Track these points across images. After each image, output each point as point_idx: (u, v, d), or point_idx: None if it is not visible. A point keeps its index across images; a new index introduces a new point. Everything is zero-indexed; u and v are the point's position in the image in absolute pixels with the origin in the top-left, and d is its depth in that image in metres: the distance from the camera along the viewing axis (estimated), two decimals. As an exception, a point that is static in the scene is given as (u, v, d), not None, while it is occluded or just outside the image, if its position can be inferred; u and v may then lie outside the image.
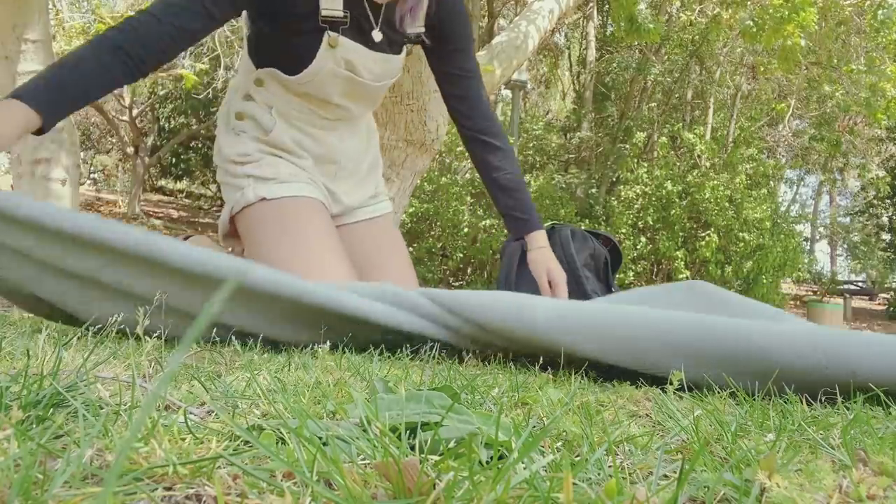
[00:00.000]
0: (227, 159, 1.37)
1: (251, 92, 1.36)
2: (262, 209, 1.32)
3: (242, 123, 1.37)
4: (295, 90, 1.33)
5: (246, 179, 1.34)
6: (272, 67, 1.31)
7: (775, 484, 0.35)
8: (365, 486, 0.32)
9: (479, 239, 6.75)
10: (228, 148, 1.37)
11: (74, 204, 3.51)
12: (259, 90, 1.35)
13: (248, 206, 1.32)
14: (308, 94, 1.34)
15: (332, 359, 0.82)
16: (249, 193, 1.32)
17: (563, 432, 0.47)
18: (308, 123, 1.39)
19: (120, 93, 10.02)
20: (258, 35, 1.31)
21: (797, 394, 0.73)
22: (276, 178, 1.34)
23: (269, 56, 1.32)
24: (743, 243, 6.37)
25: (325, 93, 1.35)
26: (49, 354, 0.64)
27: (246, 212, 1.33)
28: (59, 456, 0.32)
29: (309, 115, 1.38)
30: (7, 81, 3.30)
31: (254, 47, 1.35)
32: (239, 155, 1.35)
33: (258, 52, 1.34)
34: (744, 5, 4.48)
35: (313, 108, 1.37)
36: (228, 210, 1.36)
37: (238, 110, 1.37)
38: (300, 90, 1.33)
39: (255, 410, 0.48)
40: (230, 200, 1.36)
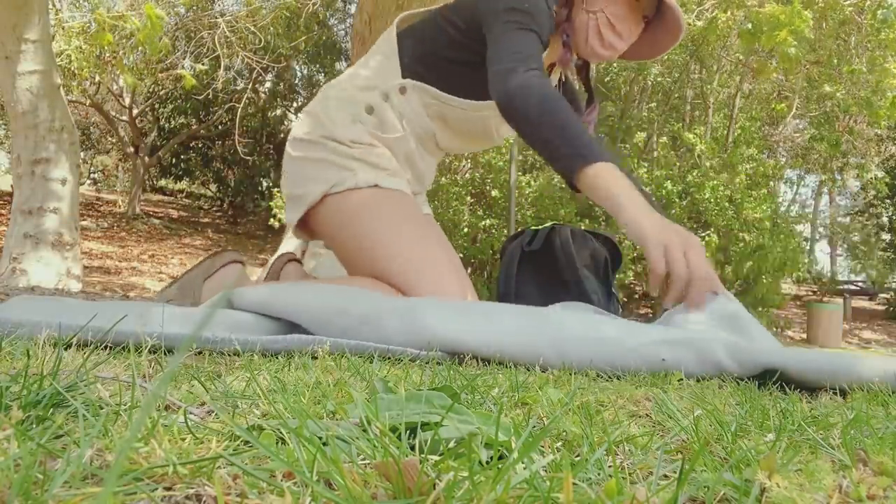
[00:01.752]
0: (335, 138, 1.34)
1: (391, 95, 1.36)
2: (376, 196, 1.30)
3: (369, 117, 1.36)
4: (436, 112, 1.37)
5: (356, 162, 1.32)
6: (435, 86, 1.34)
7: (775, 484, 0.35)
8: (365, 486, 0.32)
9: (479, 239, 6.76)
10: (342, 129, 1.34)
11: (74, 204, 3.51)
12: (399, 98, 1.36)
13: (356, 189, 1.30)
14: (445, 121, 1.39)
15: (332, 359, 0.82)
16: (362, 176, 1.30)
17: (563, 432, 0.47)
18: (422, 145, 1.42)
19: (120, 93, 10.03)
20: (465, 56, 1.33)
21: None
22: (388, 170, 1.34)
23: (454, 77, 1.35)
24: (743, 243, 6.37)
25: (461, 128, 1.40)
26: (49, 354, 0.64)
27: (351, 194, 1.30)
28: (59, 456, 0.32)
29: (429, 138, 1.41)
30: (7, 81, 3.30)
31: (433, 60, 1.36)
32: (352, 140, 1.34)
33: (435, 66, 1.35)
34: (742, 6, 4.48)
35: (437, 132, 1.40)
36: (323, 188, 1.31)
37: (371, 104, 1.36)
38: (441, 114, 1.37)
39: (255, 410, 0.48)
40: (327, 179, 1.32)
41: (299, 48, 9.65)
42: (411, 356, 0.90)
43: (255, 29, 7.07)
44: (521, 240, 1.75)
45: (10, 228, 3.45)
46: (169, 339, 0.82)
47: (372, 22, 2.73)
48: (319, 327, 0.98)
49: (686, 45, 7.26)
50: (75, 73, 6.88)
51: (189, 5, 7.39)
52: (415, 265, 1.25)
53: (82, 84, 8.61)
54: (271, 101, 11.87)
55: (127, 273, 6.83)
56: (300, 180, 1.36)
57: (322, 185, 1.31)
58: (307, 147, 1.36)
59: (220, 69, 7.46)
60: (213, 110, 10.95)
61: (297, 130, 1.40)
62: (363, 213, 1.29)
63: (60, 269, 3.37)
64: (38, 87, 3.35)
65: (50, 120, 3.39)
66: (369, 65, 1.42)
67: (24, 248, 3.31)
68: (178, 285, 1.42)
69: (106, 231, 9.14)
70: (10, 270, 3.25)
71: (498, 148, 6.49)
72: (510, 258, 1.74)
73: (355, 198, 1.30)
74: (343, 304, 1.02)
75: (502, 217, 6.73)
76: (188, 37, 7.90)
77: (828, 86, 5.85)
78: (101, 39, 4.29)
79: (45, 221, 3.37)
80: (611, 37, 1.36)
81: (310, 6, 7.37)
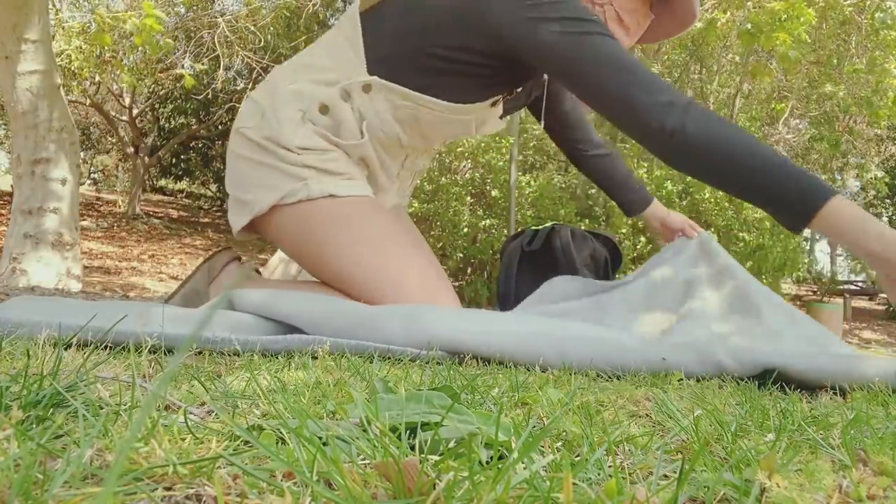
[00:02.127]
0: (282, 143, 1.21)
1: (353, 93, 1.21)
2: (331, 207, 1.20)
3: (322, 117, 1.22)
4: (408, 115, 1.24)
5: (307, 170, 1.21)
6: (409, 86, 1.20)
7: (775, 484, 0.35)
8: (365, 486, 0.32)
9: (479, 239, 6.75)
10: (290, 132, 1.21)
11: (74, 204, 3.51)
12: (362, 97, 1.21)
13: (309, 200, 1.20)
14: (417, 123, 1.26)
15: (332, 359, 0.82)
16: (314, 187, 1.19)
17: (563, 432, 0.47)
18: (383, 148, 1.29)
19: (120, 93, 10.03)
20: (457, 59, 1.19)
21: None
22: (342, 174, 1.23)
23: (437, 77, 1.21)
24: (743, 243, 6.37)
25: (435, 130, 1.28)
26: (49, 354, 0.64)
27: (303, 206, 1.20)
28: (59, 456, 0.32)
29: (392, 142, 1.28)
30: (7, 81, 3.30)
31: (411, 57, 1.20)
32: (300, 147, 1.21)
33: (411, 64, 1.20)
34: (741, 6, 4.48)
35: (403, 135, 1.27)
36: (273, 198, 1.21)
37: (325, 102, 1.21)
38: (414, 117, 1.24)
39: (255, 410, 0.48)
40: (277, 188, 1.21)
41: (299, 48, 9.62)
42: (411, 356, 0.90)
43: (255, 29, 7.07)
44: (521, 240, 1.75)
45: (10, 228, 3.45)
46: (169, 339, 0.82)
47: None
48: (319, 328, 0.98)
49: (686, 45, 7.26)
50: (75, 73, 6.88)
51: (189, 5, 7.39)
52: (372, 278, 1.17)
53: (82, 84, 8.61)
54: (271, 101, 11.86)
55: (127, 273, 6.83)
56: (246, 184, 1.25)
57: (271, 193, 1.21)
58: (253, 149, 1.24)
59: (220, 69, 7.46)
60: (213, 110, 10.95)
61: (243, 121, 1.27)
62: (317, 227, 1.20)
63: (60, 269, 3.37)
64: (38, 87, 3.35)
65: (50, 120, 3.39)
66: (329, 51, 1.27)
67: (24, 248, 3.31)
68: (180, 296, 1.36)
69: (106, 231, 9.14)
70: (10, 270, 3.25)
71: (498, 148, 6.49)
72: (510, 258, 1.74)
73: (307, 210, 1.20)
74: (342, 307, 1.02)
75: (502, 217, 6.73)
76: (188, 36, 7.89)
77: (829, 85, 5.85)
78: (101, 40, 4.29)
79: (45, 221, 3.37)
80: (617, 32, 1.27)
81: (310, 6, 7.36)
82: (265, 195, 1.22)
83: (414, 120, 1.25)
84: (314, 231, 1.20)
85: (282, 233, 1.24)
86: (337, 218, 1.20)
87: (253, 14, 7.16)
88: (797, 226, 1.03)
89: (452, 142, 6.49)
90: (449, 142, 1.59)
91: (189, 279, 1.38)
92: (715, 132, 1.04)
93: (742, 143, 1.04)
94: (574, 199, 7.57)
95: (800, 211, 1.02)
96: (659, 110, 1.06)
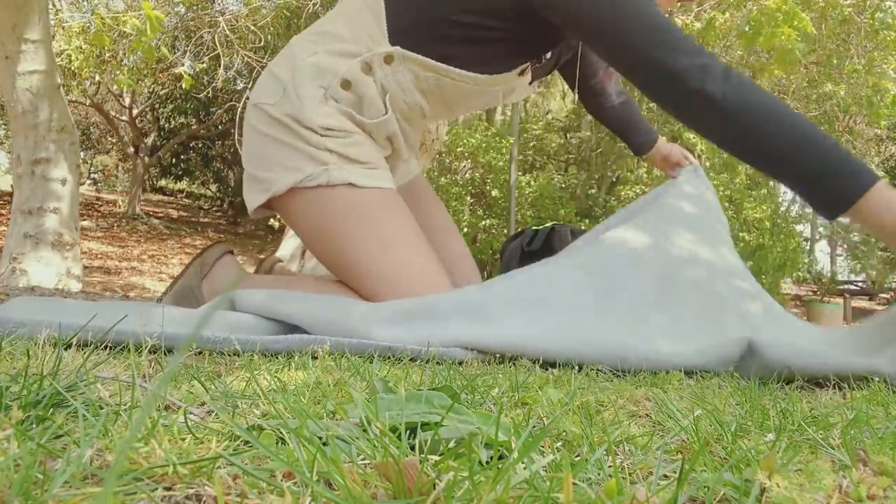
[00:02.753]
0: (304, 123, 1.17)
1: (374, 65, 1.17)
2: (348, 197, 1.17)
3: (344, 94, 1.18)
4: (431, 86, 1.19)
5: (329, 155, 1.17)
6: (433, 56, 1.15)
7: (775, 484, 0.35)
8: (365, 486, 0.32)
9: (479, 239, 6.75)
10: (311, 110, 1.17)
11: (74, 204, 3.51)
12: (384, 68, 1.17)
13: (329, 186, 1.17)
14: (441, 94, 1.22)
15: (332, 359, 0.82)
16: (335, 174, 1.16)
17: (563, 432, 0.47)
18: (406, 120, 1.25)
19: (120, 93, 10.03)
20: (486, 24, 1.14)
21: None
22: (366, 163, 1.19)
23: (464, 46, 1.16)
24: (743, 243, 6.37)
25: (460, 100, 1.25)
26: (49, 354, 0.64)
27: (321, 191, 1.17)
28: (59, 456, 0.32)
29: (415, 113, 1.24)
30: (7, 81, 3.30)
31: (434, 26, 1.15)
32: (323, 127, 1.17)
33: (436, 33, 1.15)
34: (740, 7, 4.49)
35: (426, 106, 1.24)
36: (292, 179, 1.17)
37: (348, 78, 1.17)
38: (438, 87, 1.20)
39: (255, 410, 0.48)
40: (298, 169, 1.17)
41: (299, 48, 9.63)
42: (412, 355, 0.90)
43: (255, 28, 7.07)
44: (521, 240, 1.76)
45: (10, 228, 3.45)
46: (169, 338, 0.82)
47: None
48: (320, 329, 0.98)
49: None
50: (75, 73, 6.88)
51: (189, 4, 7.39)
52: (379, 275, 1.16)
53: (82, 84, 8.61)
54: (271, 101, 11.86)
55: (127, 273, 6.83)
56: (265, 161, 1.21)
57: (291, 174, 1.18)
58: (274, 126, 1.20)
59: (220, 68, 7.46)
60: (213, 110, 10.95)
61: (262, 96, 1.23)
62: (333, 215, 1.18)
63: (60, 269, 3.37)
64: (38, 87, 3.35)
65: (50, 120, 3.39)
66: (349, 20, 1.21)
67: (24, 248, 3.31)
68: (172, 294, 1.33)
69: (106, 231, 9.14)
70: (10, 270, 3.25)
71: (498, 148, 6.50)
72: (510, 258, 1.74)
73: (325, 196, 1.17)
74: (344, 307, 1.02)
75: (502, 217, 6.73)
76: (188, 36, 7.89)
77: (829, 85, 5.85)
78: (100, 40, 4.29)
79: (45, 221, 3.37)
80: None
81: (310, 6, 7.36)
82: (285, 175, 1.19)
83: (438, 90, 1.21)
84: (329, 218, 1.18)
85: (297, 215, 1.22)
86: (353, 209, 1.18)
87: (253, 14, 7.16)
88: (833, 211, 0.98)
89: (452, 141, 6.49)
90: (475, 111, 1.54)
91: (181, 276, 1.35)
92: (757, 101, 0.99)
93: (786, 116, 0.98)
94: (574, 199, 7.58)
95: (838, 196, 0.97)
96: (698, 73, 1.00)
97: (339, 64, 1.17)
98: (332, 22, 1.25)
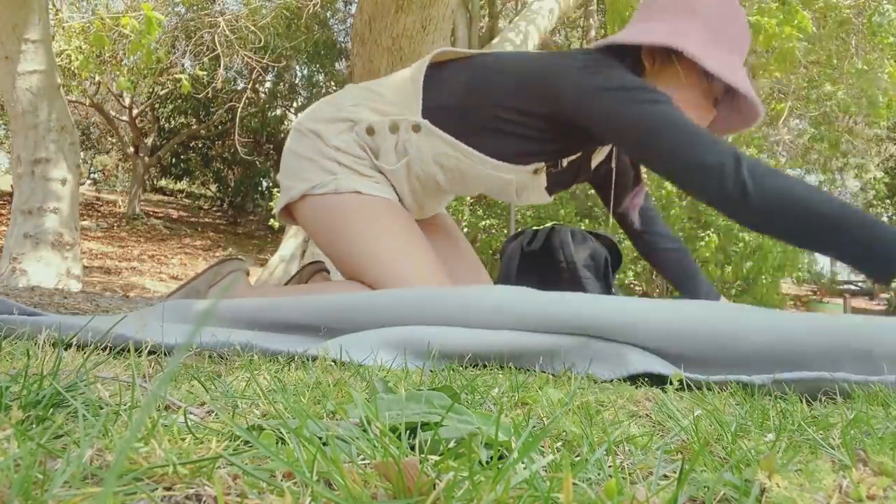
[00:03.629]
0: (323, 139, 1.30)
1: (401, 128, 1.27)
2: (355, 202, 1.26)
3: (367, 137, 1.29)
4: (451, 163, 1.28)
5: (339, 167, 1.28)
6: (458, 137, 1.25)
7: (775, 484, 0.35)
8: (365, 486, 0.32)
9: (479, 239, 6.75)
10: (331, 134, 1.30)
11: (74, 204, 3.51)
12: (409, 134, 1.27)
13: (336, 193, 1.27)
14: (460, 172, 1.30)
15: (332, 359, 0.82)
16: (343, 182, 1.26)
17: (563, 432, 0.47)
18: (422, 184, 1.34)
19: (120, 93, 10.03)
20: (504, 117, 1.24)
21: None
22: (371, 177, 1.29)
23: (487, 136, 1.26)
24: (743, 243, 6.37)
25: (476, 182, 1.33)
26: (49, 354, 0.64)
27: (330, 198, 1.27)
28: (59, 456, 0.32)
29: (428, 182, 1.33)
30: (7, 81, 3.30)
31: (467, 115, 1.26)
32: (337, 147, 1.29)
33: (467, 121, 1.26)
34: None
35: (442, 179, 1.32)
36: (304, 187, 1.29)
37: (373, 125, 1.28)
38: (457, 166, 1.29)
39: (255, 410, 0.48)
40: (309, 179, 1.29)
41: (299, 48, 9.66)
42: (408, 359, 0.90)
43: (255, 28, 7.07)
44: (521, 240, 1.76)
45: (10, 228, 3.45)
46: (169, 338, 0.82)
47: (372, 22, 2.73)
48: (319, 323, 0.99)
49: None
50: (75, 73, 6.88)
51: (189, 4, 7.39)
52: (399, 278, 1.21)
53: (82, 84, 8.61)
54: (271, 101, 11.88)
55: (127, 273, 6.83)
56: (287, 172, 1.35)
57: (303, 183, 1.29)
58: (298, 139, 1.34)
59: (220, 68, 7.46)
60: (213, 110, 10.96)
61: (299, 118, 1.39)
62: (341, 219, 1.27)
63: (60, 269, 3.37)
64: (38, 87, 3.35)
65: (50, 120, 3.39)
66: (395, 87, 1.35)
67: (24, 248, 3.31)
68: (182, 294, 1.40)
69: (106, 231, 9.14)
70: (10, 270, 3.25)
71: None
72: (510, 258, 1.74)
73: (334, 202, 1.27)
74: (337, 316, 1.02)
75: (502, 217, 6.73)
76: (188, 36, 7.90)
77: (829, 85, 5.85)
78: (100, 41, 4.29)
79: (45, 221, 3.37)
80: None
81: (310, 6, 7.36)
82: (299, 184, 1.31)
83: (456, 167, 1.30)
84: (338, 223, 1.28)
85: (310, 220, 1.33)
86: (359, 213, 1.27)
87: (253, 14, 7.17)
88: (884, 278, 1.03)
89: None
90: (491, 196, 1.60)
91: (194, 278, 1.43)
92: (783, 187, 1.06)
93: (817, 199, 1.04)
94: (574, 199, 7.58)
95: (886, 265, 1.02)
96: (728, 171, 1.07)
97: (372, 116, 1.30)
98: (380, 84, 1.38)
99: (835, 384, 0.76)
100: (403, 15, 2.63)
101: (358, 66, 2.80)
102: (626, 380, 0.86)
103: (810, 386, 0.77)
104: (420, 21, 2.64)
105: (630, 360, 0.87)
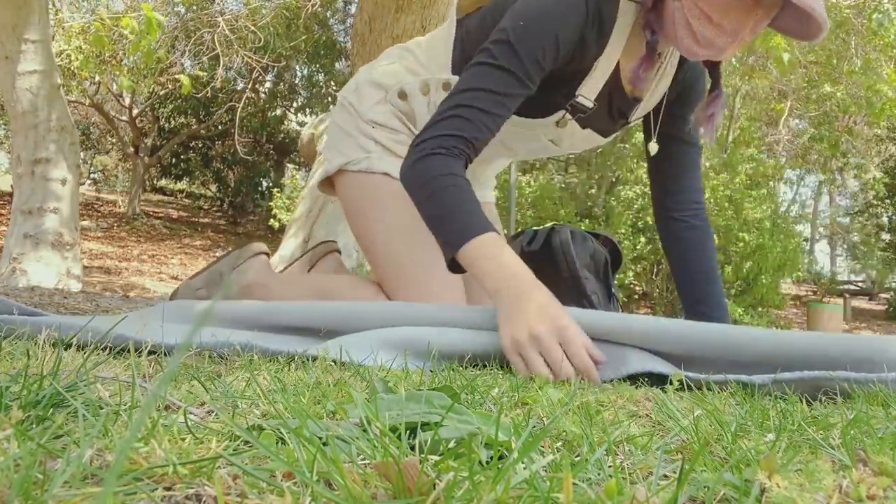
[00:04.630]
0: (360, 113, 1.29)
1: (432, 88, 1.24)
2: (382, 188, 1.25)
3: (400, 102, 1.27)
4: None
5: (373, 144, 1.27)
6: None
7: (775, 484, 0.35)
8: (365, 486, 0.32)
9: (478, 239, 6.74)
10: (367, 107, 1.29)
11: (74, 204, 3.51)
12: (440, 93, 1.23)
13: (368, 172, 1.26)
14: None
15: (332, 359, 0.82)
16: (375, 162, 1.26)
17: (563, 432, 0.47)
18: None
19: (120, 93, 10.03)
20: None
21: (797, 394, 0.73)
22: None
23: None
24: (742, 243, 6.37)
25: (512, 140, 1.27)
26: (49, 354, 0.64)
27: (362, 176, 1.27)
28: (59, 456, 0.32)
29: None
30: (7, 81, 3.30)
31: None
32: (373, 121, 1.28)
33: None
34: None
35: None
36: (340, 161, 1.29)
37: (405, 90, 1.26)
38: None
39: (255, 410, 0.48)
40: (345, 154, 1.29)
41: (299, 48, 9.65)
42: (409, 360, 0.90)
43: (254, 28, 7.07)
44: (520, 240, 1.75)
45: (10, 228, 3.45)
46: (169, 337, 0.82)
47: (372, 22, 2.73)
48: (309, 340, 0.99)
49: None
50: (75, 73, 6.88)
51: (189, 4, 7.39)
52: (402, 273, 1.20)
53: (82, 84, 8.61)
54: (271, 101, 11.88)
55: (127, 273, 6.83)
56: (328, 144, 1.36)
57: (340, 157, 1.30)
58: (339, 112, 1.34)
59: (220, 68, 7.46)
60: (213, 110, 10.95)
61: (346, 88, 1.38)
62: (366, 199, 1.27)
63: (60, 269, 3.37)
64: (38, 87, 3.35)
65: (50, 120, 3.39)
66: (428, 45, 1.31)
67: (24, 248, 3.31)
68: (204, 277, 1.41)
69: (106, 231, 9.14)
70: (10, 270, 3.25)
71: (498, 148, 6.49)
72: (510, 258, 1.74)
73: (364, 181, 1.26)
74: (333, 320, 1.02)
75: (502, 217, 6.73)
76: (188, 36, 7.89)
77: (828, 85, 5.86)
78: (100, 42, 4.29)
79: (45, 221, 3.37)
80: (707, 31, 1.04)
81: (310, 6, 7.36)
82: (336, 158, 1.31)
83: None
84: (364, 201, 1.28)
85: (342, 195, 1.33)
86: (386, 197, 1.25)
87: (253, 14, 7.17)
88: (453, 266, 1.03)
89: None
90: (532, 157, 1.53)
91: (216, 261, 1.44)
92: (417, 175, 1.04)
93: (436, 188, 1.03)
94: (574, 200, 7.58)
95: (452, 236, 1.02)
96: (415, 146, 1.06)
97: (405, 76, 1.27)
98: (417, 42, 1.35)
99: (835, 384, 0.76)
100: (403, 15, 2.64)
101: (358, 66, 2.80)
102: (626, 380, 0.86)
103: (810, 386, 0.78)
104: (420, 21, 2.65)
105: (630, 360, 0.87)
